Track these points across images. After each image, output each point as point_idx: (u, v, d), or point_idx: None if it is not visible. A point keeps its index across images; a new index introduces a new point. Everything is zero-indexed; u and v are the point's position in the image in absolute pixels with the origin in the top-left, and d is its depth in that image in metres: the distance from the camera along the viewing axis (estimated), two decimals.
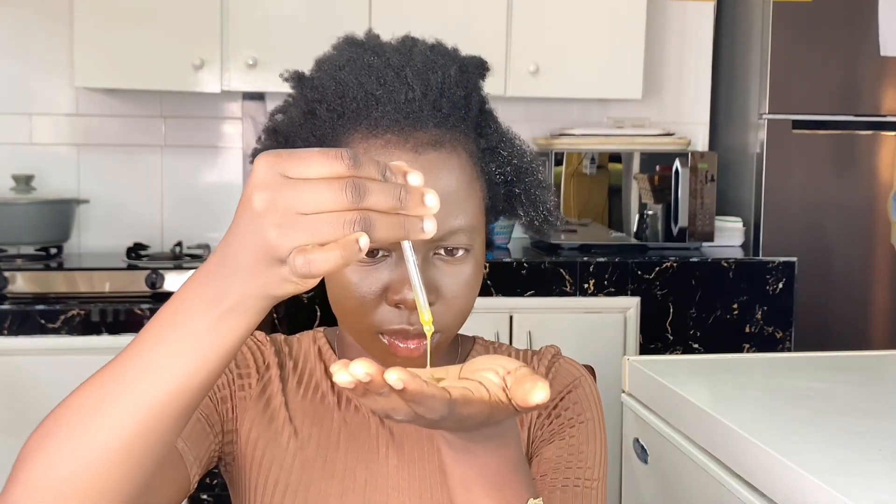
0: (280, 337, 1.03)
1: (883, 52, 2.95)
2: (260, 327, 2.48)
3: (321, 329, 1.04)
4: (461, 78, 0.90)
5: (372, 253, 0.85)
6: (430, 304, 0.84)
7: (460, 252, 0.87)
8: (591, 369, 1.11)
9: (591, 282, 2.74)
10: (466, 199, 0.87)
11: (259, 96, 3.12)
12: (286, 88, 0.95)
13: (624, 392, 1.66)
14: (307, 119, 0.90)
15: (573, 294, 2.73)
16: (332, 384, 0.98)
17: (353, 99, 0.87)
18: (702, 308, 2.78)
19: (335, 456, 0.95)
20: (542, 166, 0.99)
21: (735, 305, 2.79)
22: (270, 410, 0.97)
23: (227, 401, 0.96)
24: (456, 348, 1.02)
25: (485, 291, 2.67)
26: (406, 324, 0.85)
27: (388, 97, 0.86)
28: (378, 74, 0.87)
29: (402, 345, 0.86)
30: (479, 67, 0.95)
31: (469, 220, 0.87)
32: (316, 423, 0.96)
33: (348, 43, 0.92)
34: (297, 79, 0.93)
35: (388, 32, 0.94)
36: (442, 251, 0.86)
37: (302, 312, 2.60)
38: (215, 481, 2.52)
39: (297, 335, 1.04)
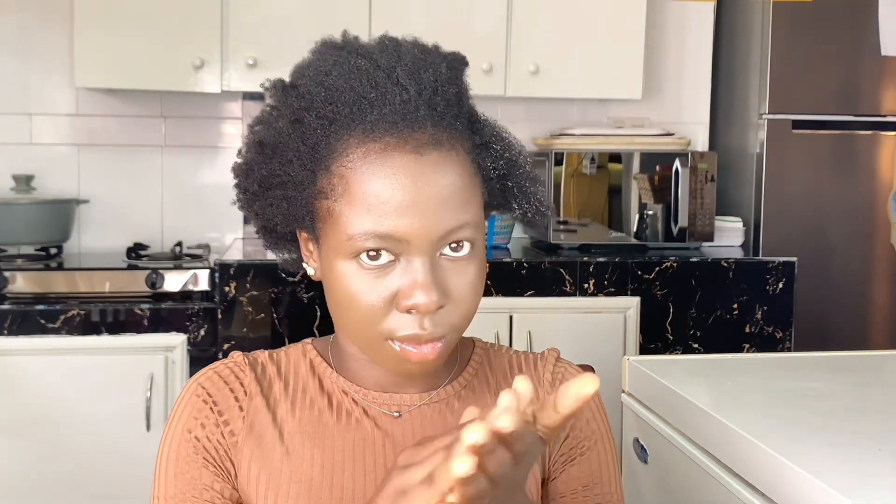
0: (262, 356, 0.98)
1: (884, 52, 2.95)
2: (260, 326, 2.50)
3: (310, 341, 1.01)
4: (452, 75, 0.88)
5: (377, 258, 0.84)
6: (440, 307, 0.84)
7: (466, 247, 0.86)
8: (591, 369, 1.11)
9: (591, 282, 2.74)
10: (470, 197, 0.86)
11: (259, 96, 3.12)
12: None
13: (624, 392, 1.66)
14: (295, 128, 0.86)
15: (573, 294, 2.73)
16: (330, 400, 0.95)
17: (345, 104, 0.84)
18: (702, 308, 2.78)
19: (342, 478, 0.91)
20: (529, 157, 0.97)
21: (735, 305, 2.79)
22: (266, 442, 0.92)
23: (227, 458, 0.92)
24: (456, 351, 1.01)
25: (485, 291, 2.66)
26: (419, 328, 0.84)
27: (382, 99, 0.84)
28: (368, 77, 0.84)
29: (414, 350, 0.85)
30: (462, 62, 0.92)
31: (473, 216, 0.86)
32: (318, 444, 0.92)
33: (328, 46, 0.89)
34: (280, 88, 0.90)
35: (388, 32, 0.92)
36: (448, 249, 0.85)
37: (302, 312, 2.60)
38: None
39: (283, 349, 1.00)
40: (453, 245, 0.85)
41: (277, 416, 0.93)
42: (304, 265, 0.94)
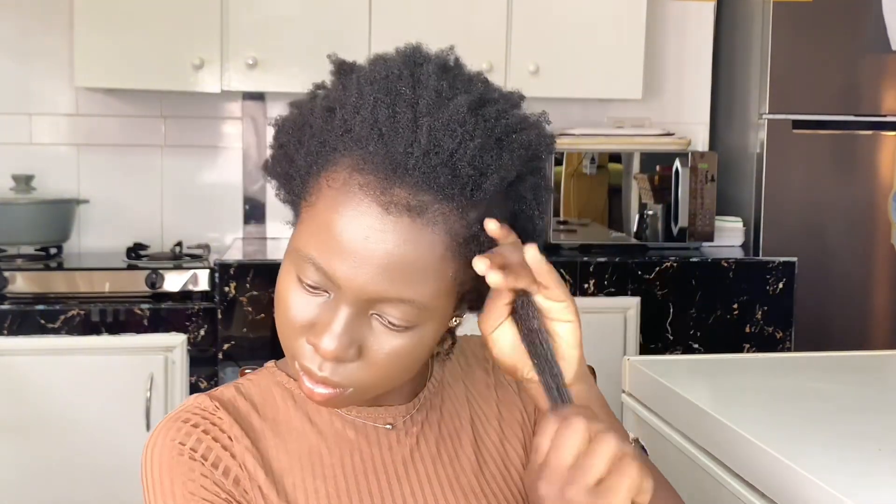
0: (228, 392, 0.89)
1: (894, 47, 2.94)
2: (260, 327, 2.49)
3: (273, 364, 0.94)
4: (480, 156, 0.77)
5: (312, 284, 0.80)
6: (350, 361, 0.79)
7: (398, 325, 0.79)
8: (591, 369, 1.11)
9: (592, 282, 2.74)
10: (426, 279, 0.78)
11: (259, 96, 3.12)
12: (286, 88, 0.90)
13: (624, 392, 1.66)
14: (322, 116, 0.81)
15: (573, 294, 2.71)
16: (316, 424, 0.89)
17: (363, 122, 0.77)
18: (702, 308, 2.78)
19: None
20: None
21: (735, 305, 2.79)
22: (259, 485, 0.85)
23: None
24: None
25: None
26: (317, 367, 0.80)
27: (390, 136, 0.76)
28: (397, 107, 0.77)
29: (307, 382, 0.81)
30: (539, 147, 0.83)
31: (419, 298, 0.78)
32: (317, 474, 0.87)
33: (401, 55, 0.83)
34: (338, 70, 0.84)
35: (388, 32, 0.89)
36: (378, 316, 0.79)
37: None
38: None
39: (249, 378, 0.92)
40: (387, 318, 0.79)
41: (267, 456, 0.86)
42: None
